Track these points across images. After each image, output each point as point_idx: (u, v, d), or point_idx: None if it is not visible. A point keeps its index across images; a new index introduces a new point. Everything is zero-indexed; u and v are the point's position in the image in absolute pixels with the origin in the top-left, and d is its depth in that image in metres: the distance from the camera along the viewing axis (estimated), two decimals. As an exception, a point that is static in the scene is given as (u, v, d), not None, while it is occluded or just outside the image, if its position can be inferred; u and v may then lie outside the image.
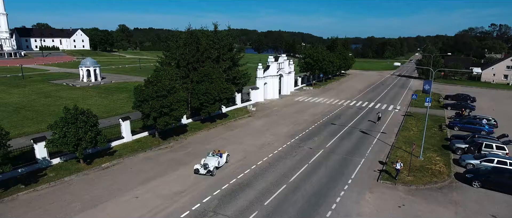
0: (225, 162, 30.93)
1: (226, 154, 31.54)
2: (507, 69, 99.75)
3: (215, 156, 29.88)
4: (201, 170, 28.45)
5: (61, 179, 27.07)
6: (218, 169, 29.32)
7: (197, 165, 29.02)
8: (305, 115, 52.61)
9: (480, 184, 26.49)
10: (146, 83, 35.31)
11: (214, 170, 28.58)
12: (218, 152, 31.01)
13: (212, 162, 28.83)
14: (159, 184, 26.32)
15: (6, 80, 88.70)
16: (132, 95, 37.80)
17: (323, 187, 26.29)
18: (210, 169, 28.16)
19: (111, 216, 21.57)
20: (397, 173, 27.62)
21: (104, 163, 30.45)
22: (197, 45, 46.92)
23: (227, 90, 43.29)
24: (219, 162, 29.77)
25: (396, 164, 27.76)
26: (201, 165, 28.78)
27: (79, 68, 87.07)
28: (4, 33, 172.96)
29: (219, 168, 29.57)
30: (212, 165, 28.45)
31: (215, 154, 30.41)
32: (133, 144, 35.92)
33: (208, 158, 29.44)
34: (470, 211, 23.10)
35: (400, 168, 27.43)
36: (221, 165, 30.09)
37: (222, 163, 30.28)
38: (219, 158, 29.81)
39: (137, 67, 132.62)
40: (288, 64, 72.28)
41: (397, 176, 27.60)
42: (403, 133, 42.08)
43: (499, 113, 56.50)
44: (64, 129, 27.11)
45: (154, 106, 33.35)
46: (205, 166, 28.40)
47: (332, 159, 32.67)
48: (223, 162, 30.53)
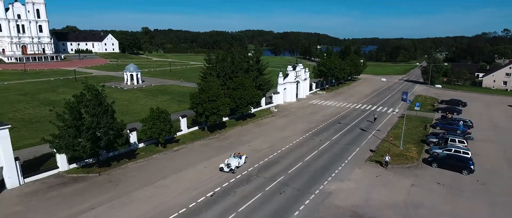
0: (243, 163, 37.90)
1: (244, 156, 38.66)
2: (506, 76, 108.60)
3: (236, 158, 36.89)
4: (225, 168, 35.44)
5: (151, 156, 40.40)
6: (238, 168, 36.66)
7: (221, 164, 36.10)
8: (318, 115, 64.81)
9: (437, 165, 38.20)
10: (200, 91, 48.30)
11: (235, 168, 35.78)
12: (238, 154, 38.13)
13: (233, 162, 35.90)
14: (216, 161, 39.16)
15: (62, 82, 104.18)
16: (176, 97, 50.84)
17: (327, 164, 38.64)
18: (232, 167, 35.30)
19: (192, 177, 34.53)
20: (386, 163, 38.06)
21: (175, 147, 43.69)
22: (233, 60, 59.86)
23: (257, 96, 56.13)
24: (239, 162, 36.83)
25: (385, 157, 38.67)
26: (225, 164, 35.78)
27: (124, 73, 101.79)
28: (46, 38, 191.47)
29: (239, 167, 36.84)
30: (234, 165, 35.60)
31: (236, 156, 37.42)
32: (189, 135, 49.10)
33: (231, 159, 36.47)
34: (423, 180, 34.95)
35: (388, 160, 38.45)
36: (241, 165, 37.07)
37: (241, 163, 37.29)
38: (239, 159, 36.94)
39: (167, 70, 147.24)
40: (304, 72, 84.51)
41: (386, 166, 37.90)
42: (394, 130, 53.65)
43: (484, 116, 67.00)
44: (151, 123, 40.39)
45: (207, 108, 46.35)
46: (228, 165, 35.47)
47: (335, 148, 44.91)
48: (242, 163, 37.50)
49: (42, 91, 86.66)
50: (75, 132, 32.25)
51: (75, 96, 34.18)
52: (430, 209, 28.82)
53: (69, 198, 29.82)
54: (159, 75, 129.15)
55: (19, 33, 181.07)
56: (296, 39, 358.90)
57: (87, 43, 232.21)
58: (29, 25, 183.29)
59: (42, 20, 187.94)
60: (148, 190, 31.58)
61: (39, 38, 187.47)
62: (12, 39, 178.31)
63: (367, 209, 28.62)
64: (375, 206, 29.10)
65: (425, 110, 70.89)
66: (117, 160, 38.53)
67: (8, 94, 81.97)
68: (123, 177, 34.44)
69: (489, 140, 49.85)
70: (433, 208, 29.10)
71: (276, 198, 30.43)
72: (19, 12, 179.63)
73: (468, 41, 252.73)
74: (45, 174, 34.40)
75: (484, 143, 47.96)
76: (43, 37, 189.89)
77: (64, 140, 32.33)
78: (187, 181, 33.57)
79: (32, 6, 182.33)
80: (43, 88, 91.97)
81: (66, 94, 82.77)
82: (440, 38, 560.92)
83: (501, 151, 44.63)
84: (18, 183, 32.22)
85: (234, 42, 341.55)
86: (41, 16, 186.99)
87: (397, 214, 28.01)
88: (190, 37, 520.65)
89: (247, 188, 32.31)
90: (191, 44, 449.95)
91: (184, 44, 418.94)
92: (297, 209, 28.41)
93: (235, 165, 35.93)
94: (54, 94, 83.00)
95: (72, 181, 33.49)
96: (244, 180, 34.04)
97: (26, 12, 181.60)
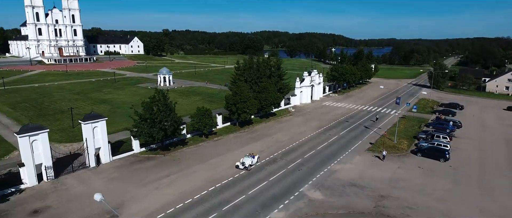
0: (256, 162, 43.95)
1: (257, 156, 44.87)
2: (508, 82, 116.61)
3: (250, 157, 43.24)
4: (240, 165, 41.72)
5: (198, 144, 52.62)
6: (252, 166, 43.16)
7: (237, 162, 42.52)
8: (329, 115, 75.91)
9: (421, 154, 48.91)
10: (234, 94, 60.13)
11: (249, 166, 42.13)
12: (252, 154, 44.57)
13: (247, 161, 42.37)
14: (249, 148, 50.97)
15: (103, 83, 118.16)
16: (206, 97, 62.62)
17: (334, 152, 49.94)
18: (246, 165, 41.73)
19: (233, 158, 46.33)
20: (384, 157, 48.41)
21: (214, 138, 55.79)
22: (258, 67, 71.64)
23: (278, 98, 67.79)
24: (252, 161, 42.94)
25: (383, 152, 49.22)
26: (240, 162, 42.15)
27: (158, 75, 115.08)
28: (80, 41, 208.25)
29: (253, 165, 43.28)
30: (248, 163, 42.08)
31: (249, 156, 43.81)
32: (224, 129, 61.14)
33: (245, 158, 42.89)
34: (408, 165, 45.78)
35: (385, 154, 48.92)
36: (253, 164, 43.37)
37: (254, 162, 43.32)
38: (252, 159, 43.18)
39: (191, 72, 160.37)
40: (318, 76, 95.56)
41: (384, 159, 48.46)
42: (392, 128, 64.20)
43: (476, 118, 76.55)
44: (198, 118, 52.55)
45: (239, 108, 58.23)
46: (243, 163, 41.96)
47: (342, 141, 56.09)
48: (254, 162, 43.45)
49: (90, 91, 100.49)
50: (150, 124, 44.58)
51: (150, 97, 46.35)
52: (407, 182, 39.86)
53: (149, 169, 42.20)
54: (186, 77, 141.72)
55: (57, 37, 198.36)
56: (312, 41, 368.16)
57: (115, 45, 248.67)
58: (65, 29, 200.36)
59: (77, 24, 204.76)
60: (203, 166, 43.69)
61: (73, 41, 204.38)
62: (51, 42, 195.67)
63: (361, 181, 39.87)
64: (367, 180, 40.31)
65: (425, 111, 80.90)
66: (173, 146, 50.86)
67: (64, 93, 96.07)
68: (182, 157, 46.69)
69: (471, 137, 59.96)
70: (409, 181, 40.12)
71: (295, 173, 42.02)
72: (57, 18, 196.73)
73: (481, 46, 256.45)
74: (125, 154, 46.97)
75: (466, 140, 58.17)
76: (77, 40, 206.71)
77: (141, 129, 44.75)
78: (229, 160, 45.48)
79: (68, 12, 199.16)
80: (90, 88, 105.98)
81: (112, 94, 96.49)
82: (458, 40, 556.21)
83: (478, 146, 54.85)
84: (109, 159, 44.83)
85: (250, 44, 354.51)
86: (76, 21, 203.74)
87: (382, 184, 39.15)
88: (208, 38, 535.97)
89: (274, 166, 44.04)
90: (208, 45, 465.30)
91: (202, 45, 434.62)
92: (311, 180, 39.95)
93: (249, 163, 42.32)
94: (102, 94, 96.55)
95: (145, 160, 45.93)
96: (271, 161, 45.76)
97: (63, 18, 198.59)
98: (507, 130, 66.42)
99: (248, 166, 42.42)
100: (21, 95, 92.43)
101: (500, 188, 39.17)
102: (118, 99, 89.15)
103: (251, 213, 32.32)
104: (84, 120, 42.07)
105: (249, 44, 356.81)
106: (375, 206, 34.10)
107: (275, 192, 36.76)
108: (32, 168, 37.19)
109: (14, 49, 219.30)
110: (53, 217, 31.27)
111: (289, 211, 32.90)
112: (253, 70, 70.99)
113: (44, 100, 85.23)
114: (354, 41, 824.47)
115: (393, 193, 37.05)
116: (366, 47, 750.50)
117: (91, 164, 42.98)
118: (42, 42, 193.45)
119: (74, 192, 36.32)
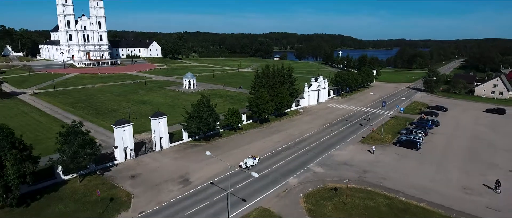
0: (257, 163, 53.02)
1: (258, 157, 53.92)
2: (493, 87, 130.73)
3: (251, 159, 52.22)
4: (243, 165, 50.79)
5: (230, 136, 69.11)
6: (253, 166, 52.05)
7: (241, 162, 51.68)
8: (332, 115, 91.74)
9: (400, 145, 64.57)
10: (255, 97, 76.32)
11: (250, 166, 50.96)
12: (253, 156, 53.47)
13: (249, 161, 51.26)
14: (270, 138, 67.34)
15: (136, 86, 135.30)
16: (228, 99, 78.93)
17: (334, 143, 65.99)
18: (248, 166, 50.68)
19: (259, 146, 62.59)
20: (373, 151, 63.90)
21: (241, 132, 72.19)
22: (273, 75, 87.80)
23: (290, 101, 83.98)
24: (253, 162, 51.99)
25: (372, 147, 64.61)
26: (243, 163, 51.25)
27: (184, 79, 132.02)
28: (105, 45, 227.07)
29: (253, 165, 52.29)
30: (249, 164, 51.12)
31: (252, 157, 52.83)
32: (247, 125, 77.45)
33: (247, 159, 51.79)
34: (388, 152, 61.49)
35: (374, 149, 64.32)
36: (254, 164, 52.34)
37: (255, 163, 52.45)
38: (254, 160, 52.27)
39: (209, 75, 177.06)
40: (324, 82, 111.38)
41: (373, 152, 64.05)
42: (381, 126, 79.69)
43: (455, 118, 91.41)
44: (230, 116, 68.99)
45: (260, 108, 74.49)
46: (245, 163, 50.95)
47: (340, 134, 72.01)
48: (255, 162, 52.52)
49: (128, 93, 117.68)
50: (198, 120, 61.06)
51: (198, 100, 62.80)
52: (385, 163, 55.73)
53: (198, 153, 58.68)
54: (205, 80, 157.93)
55: (85, 42, 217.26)
56: (319, 45, 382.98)
57: (135, 49, 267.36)
58: (92, 35, 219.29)
59: (103, 30, 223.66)
60: (238, 150, 60.12)
61: (100, 46, 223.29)
62: (80, 47, 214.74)
63: (351, 161, 55.86)
64: (356, 161, 56.26)
65: (413, 112, 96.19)
66: (211, 137, 67.36)
67: (107, 95, 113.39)
68: (220, 145, 63.29)
69: (444, 133, 75.26)
70: (387, 163, 55.97)
71: (304, 155, 58.21)
72: (85, 24, 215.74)
73: (481, 51, 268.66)
74: (178, 142, 63.59)
75: (440, 135, 73.54)
76: (103, 45, 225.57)
77: (191, 124, 61.26)
78: (257, 147, 61.92)
79: (95, 19, 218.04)
80: (127, 90, 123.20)
81: (147, 96, 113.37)
82: (467, 41, 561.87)
83: (446, 140, 70.24)
84: (168, 145, 61.45)
85: (260, 47, 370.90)
86: (102, 27, 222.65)
87: (366, 164, 55.03)
88: (218, 40, 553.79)
89: (289, 151, 60.30)
90: (219, 47, 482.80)
91: (213, 47, 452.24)
92: (315, 160, 56.11)
93: (250, 164, 51.71)
94: (138, 96, 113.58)
95: (193, 146, 62.50)
96: (286, 148, 62.06)
97: (90, 24, 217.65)
98: (477, 128, 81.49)
99: (249, 166, 51.53)
100: (72, 96, 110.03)
101: (450, 167, 54.74)
102: (155, 100, 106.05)
103: (276, 178, 48.63)
104: (153, 116, 58.85)
105: (259, 47, 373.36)
106: (358, 176, 50.09)
107: (290, 167, 53.04)
108: (122, 149, 53.99)
109: (44, 52, 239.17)
110: (145, 180, 47.89)
111: (300, 178, 49.12)
112: (269, 78, 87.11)
113: (94, 101, 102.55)
114: (362, 43, 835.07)
115: (373, 169, 52.98)
116: (374, 49, 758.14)
117: (157, 148, 59.70)
118: (72, 47, 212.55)
119: (152, 166, 53.03)
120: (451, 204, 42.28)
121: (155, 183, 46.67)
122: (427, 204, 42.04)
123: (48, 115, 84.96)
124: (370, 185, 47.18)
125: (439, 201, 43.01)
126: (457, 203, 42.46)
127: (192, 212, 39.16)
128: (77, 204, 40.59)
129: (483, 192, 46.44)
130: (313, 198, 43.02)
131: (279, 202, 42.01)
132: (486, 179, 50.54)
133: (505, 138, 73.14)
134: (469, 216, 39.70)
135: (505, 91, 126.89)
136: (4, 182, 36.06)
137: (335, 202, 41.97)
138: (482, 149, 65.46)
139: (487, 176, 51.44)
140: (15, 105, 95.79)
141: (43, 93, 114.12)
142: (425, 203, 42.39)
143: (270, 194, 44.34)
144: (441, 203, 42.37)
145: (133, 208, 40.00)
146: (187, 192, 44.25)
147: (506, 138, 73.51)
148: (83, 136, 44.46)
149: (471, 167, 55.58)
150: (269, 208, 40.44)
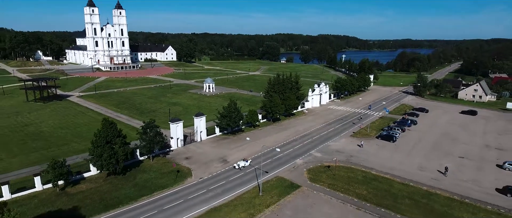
0: (248, 164, 64.08)
1: (249, 160, 65.94)
2: (474, 91, 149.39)
3: (244, 161, 64.04)
4: (236, 166, 62.56)
5: (250, 131, 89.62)
6: (245, 167, 63.82)
7: (235, 164, 63.43)
8: (332, 115, 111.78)
9: (380, 138, 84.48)
10: (268, 100, 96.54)
11: (242, 167, 62.73)
12: (245, 159, 64.76)
13: (241, 163, 63.27)
14: (284, 132, 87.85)
15: (163, 89, 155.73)
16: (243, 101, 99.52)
17: (330, 136, 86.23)
18: (241, 167, 62.78)
19: (275, 138, 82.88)
20: (362, 145, 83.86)
21: (259, 128, 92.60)
22: (283, 82, 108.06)
23: (296, 103, 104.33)
24: (245, 164, 63.69)
25: (361, 142, 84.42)
26: (237, 164, 62.77)
27: (204, 83, 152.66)
28: (126, 51, 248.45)
29: (245, 167, 63.96)
30: (241, 165, 62.99)
31: (244, 160, 64.13)
32: (263, 123, 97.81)
33: (240, 161, 63.59)
34: (371, 143, 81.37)
35: (362, 143, 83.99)
36: (246, 165, 63.63)
37: (246, 164, 63.80)
38: (245, 162, 63.83)
39: (224, 79, 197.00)
40: (325, 87, 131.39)
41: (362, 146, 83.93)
42: (371, 124, 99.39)
43: (433, 118, 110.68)
44: (250, 116, 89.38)
45: (273, 110, 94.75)
46: (238, 165, 62.60)
47: (336, 130, 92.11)
48: (247, 164, 63.92)
49: (158, 96, 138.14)
50: (228, 118, 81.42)
51: (228, 103, 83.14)
52: (367, 151, 75.71)
53: (229, 143, 79.06)
54: (220, 84, 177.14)
55: (109, 48, 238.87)
56: (324, 48, 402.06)
57: (152, 53, 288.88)
58: (115, 41, 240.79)
59: (124, 37, 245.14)
60: (257, 141, 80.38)
61: (122, 51, 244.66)
62: (105, 52, 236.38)
63: (342, 150, 76.00)
64: (346, 149, 76.35)
65: (399, 113, 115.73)
66: (237, 132, 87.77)
67: (141, 97, 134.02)
68: (245, 137, 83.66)
69: (419, 130, 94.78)
70: (369, 151, 75.91)
71: (307, 145, 78.46)
72: (109, 32, 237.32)
73: (475, 56, 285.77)
74: (212, 135, 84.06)
75: (415, 132, 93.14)
76: (125, 50, 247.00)
77: (222, 122, 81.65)
78: (272, 140, 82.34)
79: (118, 27, 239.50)
80: (156, 93, 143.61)
81: (175, 98, 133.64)
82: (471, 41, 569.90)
83: (419, 135, 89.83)
84: (205, 138, 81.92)
85: (268, 50, 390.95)
86: (124, 34, 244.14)
87: (353, 151, 75.03)
88: (226, 42, 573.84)
89: (296, 142, 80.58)
90: (226, 48, 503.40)
91: (221, 49, 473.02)
92: (316, 148, 76.37)
93: (242, 165, 63.27)
94: (168, 98, 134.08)
95: (224, 138, 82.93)
96: (294, 140, 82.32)
97: (114, 31, 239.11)
98: (449, 126, 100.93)
99: (241, 167, 63.00)
100: (113, 98, 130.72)
101: (416, 155, 74.51)
102: (183, 102, 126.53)
103: (287, 160, 69.08)
104: (196, 116, 79.48)
105: (266, 50, 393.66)
106: (346, 159, 70.24)
107: (297, 153, 73.37)
108: (175, 139, 74.57)
109: (71, 57, 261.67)
110: (197, 160, 68.37)
111: (304, 160, 69.45)
112: (280, 84, 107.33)
113: (133, 103, 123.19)
114: (367, 43, 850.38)
115: (358, 155, 73.05)
116: (379, 50, 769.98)
117: (198, 140, 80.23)
118: (98, 52, 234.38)
119: (198, 151, 73.59)
120: (408, 176, 62.30)
121: (204, 162, 67.27)
122: (391, 176, 62.10)
123: (102, 114, 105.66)
124: (353, 164, 67.38)
125: (400, 174, 63.02)
126: (411, 176, 62.45)
127: (233, 178, 59.68)
128: (156, 174, 61.24)
129: (434, 170, 66.25)
130: (313, 171, 63.34)
131: (290, 174, 62.38)
132: (440, 163, 70.19)
133: (468, 134, 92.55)
134: (417, 182, 59.66)
135: (483, 95, 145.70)
136: (116, 157, 56.72)
137: (328, 174, 62.24)
138: (446, 142, 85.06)
139: (441, 161, 71.16)
140: (70, 106, 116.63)
141: (87, 96, 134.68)
142: (389, 175, 62.47)
143: (284, 169, 64.74)
144: (400, 175, 62.38)
145: (194, 176, 60.57)
146: (227, 167, 64.79)
147: (469, 134, 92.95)
148: (156, 129, 65.06)
149: (432, 155, 75.35)
150: (283, 177, 60.80)
